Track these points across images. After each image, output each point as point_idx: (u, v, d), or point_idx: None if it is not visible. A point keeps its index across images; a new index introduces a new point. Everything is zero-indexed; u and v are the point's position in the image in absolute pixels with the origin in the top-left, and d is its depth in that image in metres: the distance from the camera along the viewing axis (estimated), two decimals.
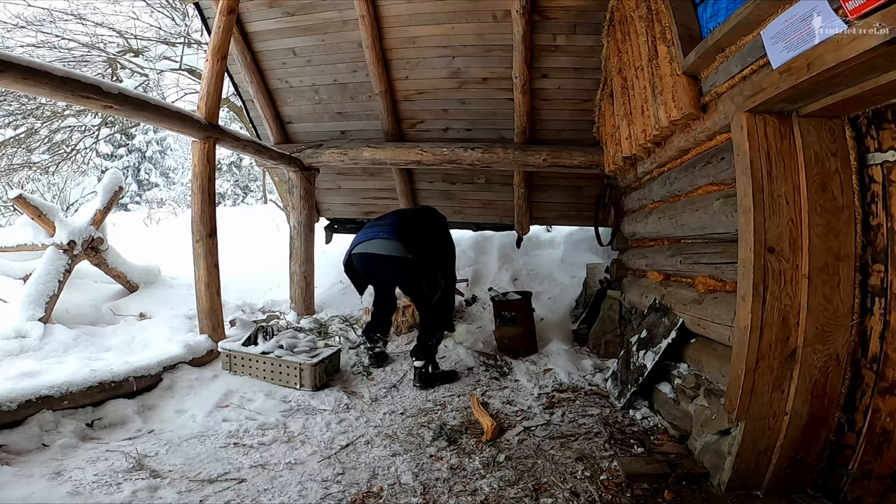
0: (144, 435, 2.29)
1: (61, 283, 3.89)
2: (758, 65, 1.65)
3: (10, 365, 2.91)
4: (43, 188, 10.49)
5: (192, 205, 3.37)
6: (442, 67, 3.99)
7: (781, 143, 1.68)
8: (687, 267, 2.49)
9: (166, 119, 2.98)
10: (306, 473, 2.00)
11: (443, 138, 4.43)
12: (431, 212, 3.54)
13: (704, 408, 2.09)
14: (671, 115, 2.28)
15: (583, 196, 4.64)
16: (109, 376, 2.52)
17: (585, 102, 3.96)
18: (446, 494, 1.85)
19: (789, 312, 1.67)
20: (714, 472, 1.89)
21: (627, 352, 2.84)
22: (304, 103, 4.50)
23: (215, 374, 3.01)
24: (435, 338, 3.19)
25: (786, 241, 1.66)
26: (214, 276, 3.40)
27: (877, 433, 1.63)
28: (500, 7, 3.55)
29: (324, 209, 5.41)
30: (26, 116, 7.41)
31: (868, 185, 1.63)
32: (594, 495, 1.83)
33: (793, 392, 1.68)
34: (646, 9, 2.55)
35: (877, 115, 1.57)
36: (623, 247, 3.81)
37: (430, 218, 3.45)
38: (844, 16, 1.23)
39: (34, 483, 1.79)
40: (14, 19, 7.10)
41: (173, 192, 19.42)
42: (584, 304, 4.29)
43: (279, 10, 3.89)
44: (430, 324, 3.21)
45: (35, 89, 2.27)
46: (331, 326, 4.07)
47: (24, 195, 3.88)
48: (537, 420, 2.54)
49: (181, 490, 1.84)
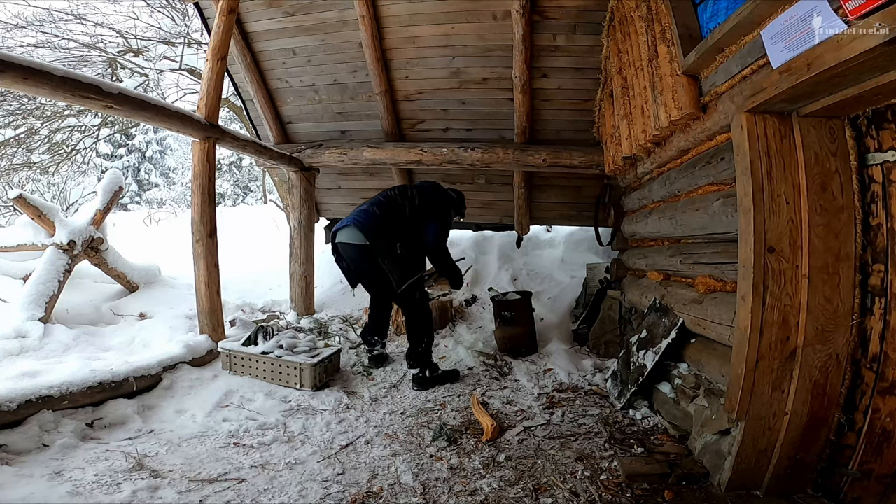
0: (144, 435, 2.29)
1: (61, 283, 3.89)
2: (758, 65, 1.65)
3: (10, 365, 2.91)
4: (43, 188, 10.49)
5: (192, 205, 3.37)
6: (442, 67, 3.99)
7: (781, 143, 1.68)
8: (687, 267, 2.49)
9: (166, 119, 2.98)
10: (306, 473, 2.00)
11: (443, 138, 4.44)
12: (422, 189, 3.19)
13: (704, 408, 2.09)
14: (671, 115, 2.28)
15: (583, 196, 4.64)
16: (109, 376, 2.52)
17: (585, 102, 3.96)
18: (446, 494, 1.85)
19: (789, 312, 1.67)
20: (714, 472, 1.89)
21: (627, 352, 2.84)
22: (304, 103, 4.50)
23: (215, 374, 3.01)
24: (423, 342, 3.07)
25: (786, 241, 1.66)
26: (214, 276, 3.40)
27: (877, 433, 1.63)
28: (500, 7, 3.55)
29: (324, 209, 5.41)
30: (26, 116, 7.41)
31: (868, 185, 1.63)
32: (594, 495, 1.83)
33: (793, 392, 1.68)
34: (646, 9, 2.55)
35: (877, 115, 1.57)
36: (623, 247, 3.81)
37: (418, 195, 3.12)
38: (844, 16, 1.23)
39: (34, 483, 1.79)
40: (14, 19, 7.10)
41: (173, 192, 19.43)
42: (584, 304, 4.29)
43: (279, 10, 3.89)
44: (412, 326, 3.07)
45: (35, 89, 2.27)
46: (331, 326, 4.07)
47: (24, 195, 3.88)
48: (537, 420, 2.54)
49: (181, 490, 1.84)
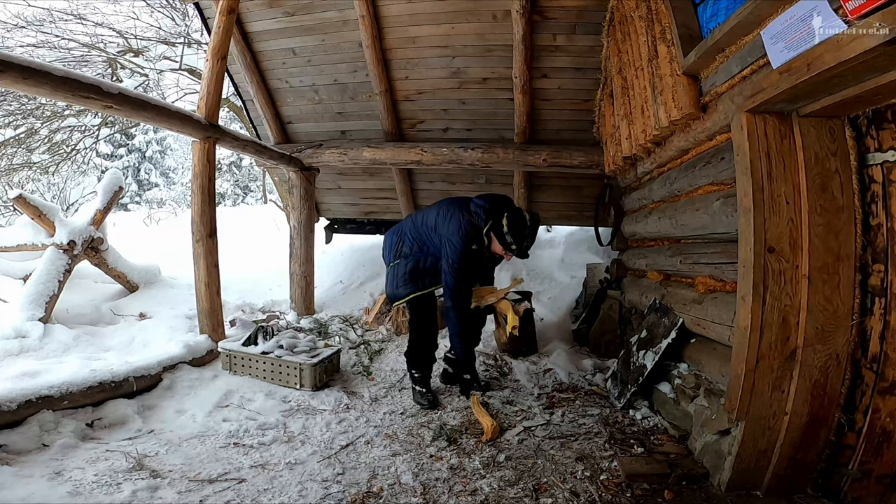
0: (144, 435, 2.29)
1: (61, 283, 3.89)
2: (758, 65, 1.65)
3: (10, 365, 2.91)
4: (43, 188, 10.49)
5: (192, 205, 3.37)
6: (442, 67, 3.99)
7: (781, 143, 1.68)
8: (687, 267, 2.49)
9: (166, 119, 2.98)
10: (306, 473, 2.00)
11: (443, 138, 4.44)
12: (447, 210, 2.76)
13: (704, 408, 2.09)
14: (671, 115, 2.28)
15: (583, 196, 4.64)
16: (109, 376, 2.52)
17: (585, 102, 3.96)
18: (446, 494, 1.85)
19: (789, 312, 1.67)
20: (714, 472, 1.89)
21: (627, 352, 2.84)
22: (304, 103, 4.50)
23: (215, 374, 3.01)
24: (412, 368, 2.86)
25: (786, 241, 1.66)
26: (214, 276, 3.40)
27: (877, 433, 1.63)
28: (500, 7, 3.55)
29: (324, 209, 5.41)
30: (26, 116, 7.42)
31: (868, 185, 1.63)
32: (594, 495, 1.83)
33: (793, 392, 1.68)
34: (646, 9, 2.55)
35: (877, 115, 1.57)
36: (623, 247, 3.81)
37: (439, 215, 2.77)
38: (844, 16, 1.23)
39: (34, 483, 1.79)
40: (14, 19, 7.11)
41: (173, 192, 19.43)
42: (584, 304, 4.29)
43: (279, 10, 3.89)
44: (407, 349, 2.91)
45: (35, 89, 2.27)
46: (331, 326, 4.07)
47: (24, 195, 3.88)
48: (537, 420, 2.54)
49: (181, 490, 1.84)
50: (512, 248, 2.59)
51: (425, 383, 2.85)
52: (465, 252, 2.65)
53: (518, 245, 2.58)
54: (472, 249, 2.68)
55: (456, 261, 2.64)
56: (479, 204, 2.69)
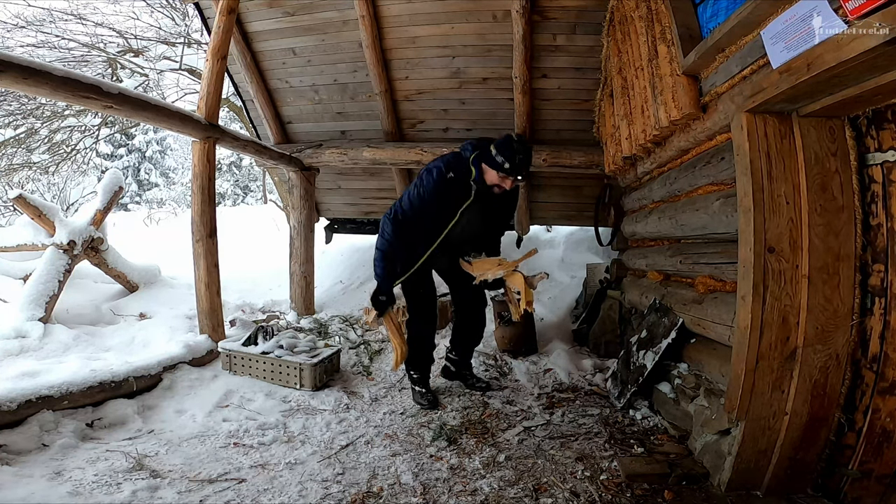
0: (144, 435, 2.29)
1: (61, 283, 3.89)
2: (758, 65, 1.65)
3: (10, 365, 2.91)
4: (43, 188, 10.49)
5: (192, 205, 3.37)
6: (442, 67, 3.99)
7: (781, 143, 1.68)
8: (687, 267, 2.49)
9: (166, 119, 2.98)
10: (306, 473, 2.00)
11: (443, 138, 4.43)
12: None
13: (704, 408, 2.09)
14: (671, 115, 2.28)
15: (583, 196, 4.63)
16: (109, 376, 2.52)
17: (585, 102, 3.96)
18: (446, 494, 1.85)
19: (789, 312, 1.67)
20: (714, 472, 1.89)
21: (627, 352, 2.84)
22: (304, 103, 4.50)
23: (215, 374, 3.01)
24: (410, 369, 2.79)
25: (786, 241, 1.66)
26: (214, 276, 3.40)
27: (877, 433, 1.63)
28: (500, 7, 3.55)
29: (324, 209, 5.41)
30: (26, 116, 7.42)
31: (868, 185, 1.63)
32: (594, 495, 1.83)
33: (793, 392, 1.68)
34: (646, 9, 2.55)
35: (877, 115, 1.57)
36: (623, 247, 3.81)
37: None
38: (844, 16, 1.23)
39: (34, 483, 1.79)
40: (14, 19, 7.11)
41: (173, 192, 19.45)
42: (584, 304, 4.29)
43: (279, 10, 3.89)
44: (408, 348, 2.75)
45: (35, 89, 2.27)
46: (331, 326, 4.07)
47: (24, 195, 3.88)
48: (537, 420, 2.54)
49: (181, 490, 1.84)
50: (505, 168, 2.37)
51: (424, 383, 2.85)
52: (437, 184, 2.38)
53: (511, 161, 2.35)
54: (447, 179, 2.41)
55: (413, 196, 2.35)
56: (466, 142, 2.54)
